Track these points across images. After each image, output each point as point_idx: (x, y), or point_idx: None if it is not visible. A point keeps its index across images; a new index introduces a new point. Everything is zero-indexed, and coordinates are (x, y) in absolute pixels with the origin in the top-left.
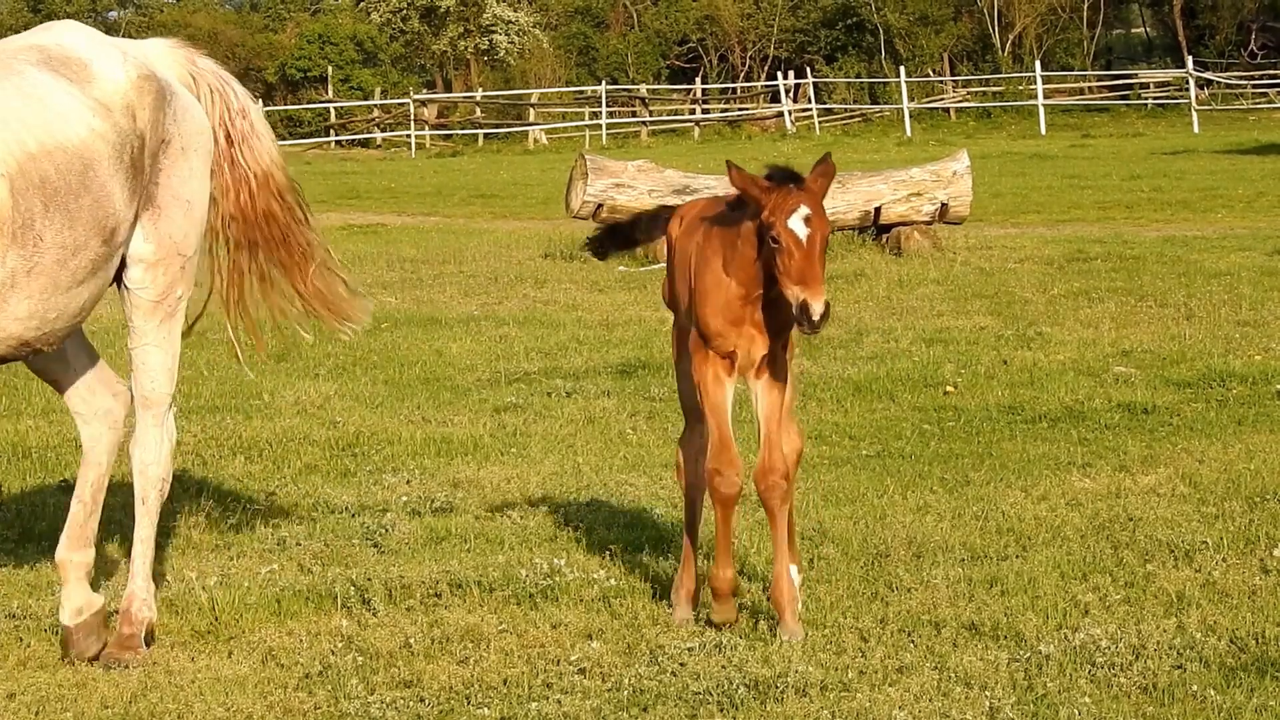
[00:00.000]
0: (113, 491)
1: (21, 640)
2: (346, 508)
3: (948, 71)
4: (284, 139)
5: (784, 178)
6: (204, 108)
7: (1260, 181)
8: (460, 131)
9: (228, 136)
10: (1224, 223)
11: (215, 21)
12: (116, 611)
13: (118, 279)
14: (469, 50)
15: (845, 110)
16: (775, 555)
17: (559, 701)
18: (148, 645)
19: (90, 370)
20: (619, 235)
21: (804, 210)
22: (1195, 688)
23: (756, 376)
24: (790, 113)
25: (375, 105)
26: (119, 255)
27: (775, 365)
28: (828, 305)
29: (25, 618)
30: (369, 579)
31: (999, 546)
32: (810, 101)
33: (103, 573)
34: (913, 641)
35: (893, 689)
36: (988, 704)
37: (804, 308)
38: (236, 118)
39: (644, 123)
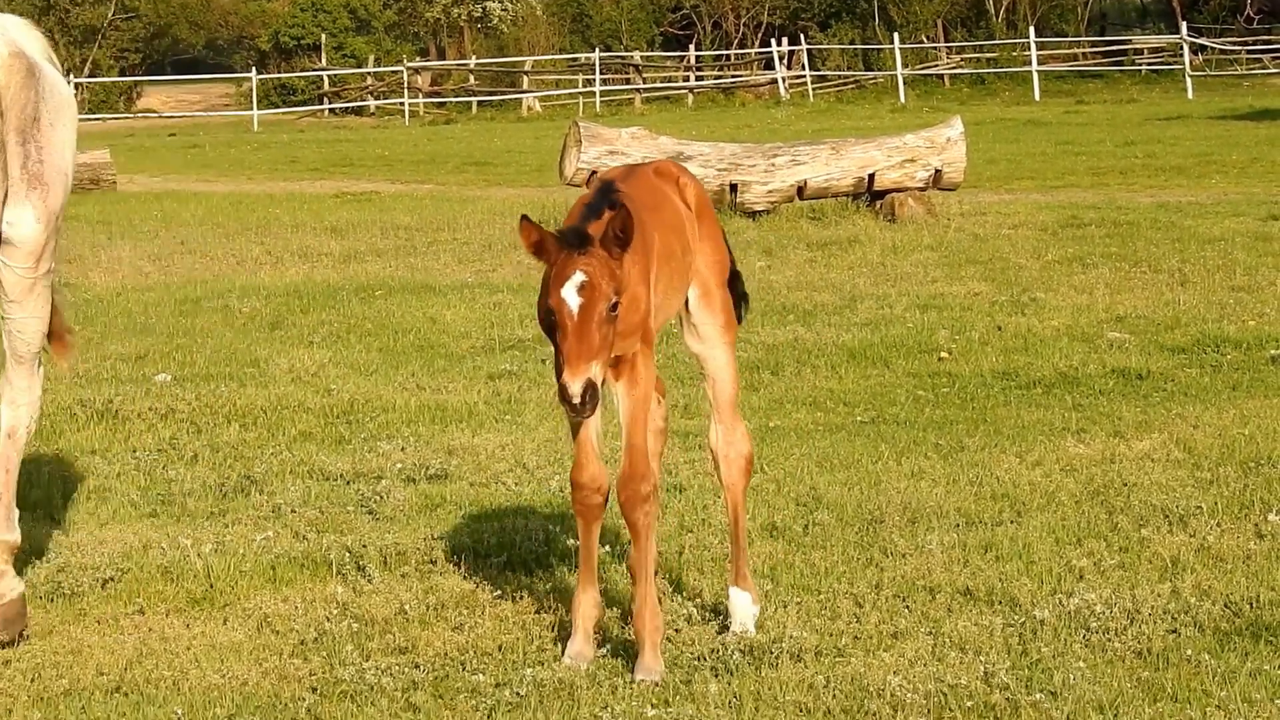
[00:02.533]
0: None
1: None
2: (341, 475)
3: (942, 38)
4: (277, 107)
5: (573, 240)
6: None
7: (1254, 147)
8: (454, 99)
9: None
10: (1218, 188)
11: None
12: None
13: None
14: (462, 18)
15: (839, 77)
16: (635, 579)
17: (554, 668)
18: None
19: None
20: None
21: (579, 278)
22: (1190, 652)
23: (615, 379)
24: (784, 79)
25: (369, 73)
26: None
27: (634, 367)
28: (589, 388)
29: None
30: (364, 546)
31: (993, 512)
32: (804, 68)
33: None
34: (907, 607)
35: (887, 654)
36: (982, 669)
37: (561, 388)
38: None
39: (638, 90)
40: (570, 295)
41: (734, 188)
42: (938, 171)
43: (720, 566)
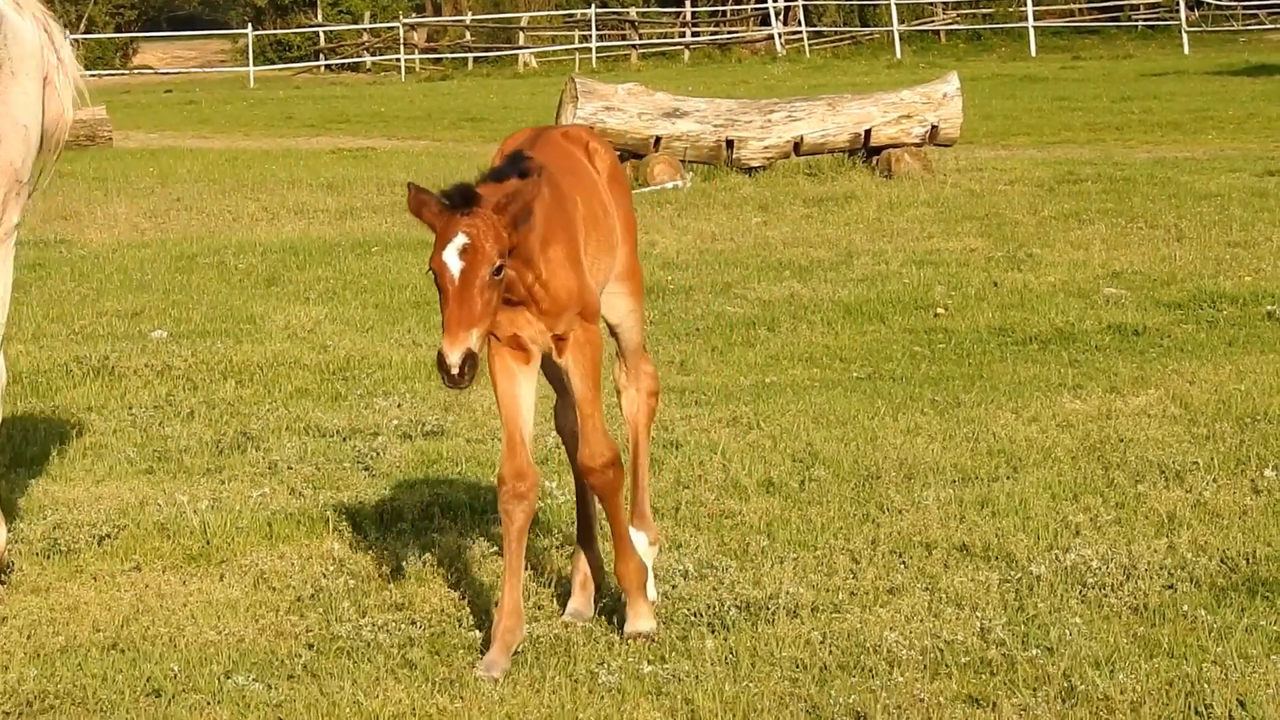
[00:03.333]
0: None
1: (13, 564)
2: (337, 431)
3: None
4: (273, 63)
5: (459, 200)
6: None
7: (1250, 103)
8: (450, 55)
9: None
10: (1214, 144)
11: None
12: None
13: None
14: None
15: (835, 33)
16: (614, 535)
17: (550, 624)
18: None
19: None
20: None
21: (460, 240)
22: (1186, 608)
23: (559, 355)
24: (780, 35)
25: (364, 29)
26: None
27: (577, 341)
28: (468, 358)
29: (17, 542)
30: (360, 502)
31: (990, 468)
32: (800, 24)
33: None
34: (904, 563)
35: (884, 610)
36: (979, 624)
37: (439, 356)
38: (51, 56)
39: (634, 46)
40: (451, 258)
41: (730, 144)
42: (934, 127)
43: (718, 523)
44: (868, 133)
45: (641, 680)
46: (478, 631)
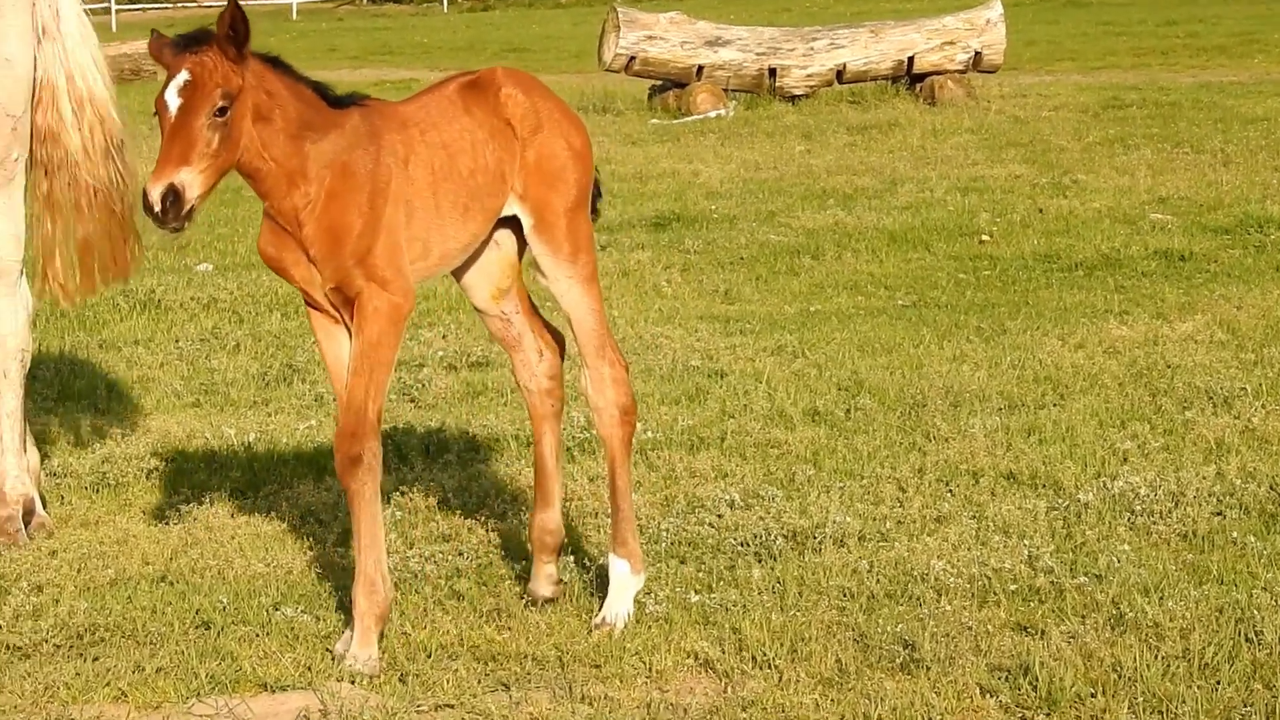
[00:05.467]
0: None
1: (63, 498)
2: None
3: None
4: None
5: (189, 40)
6: None
7: None
8: None
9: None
10: (1260, 68)
11: None
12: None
13: None
14: None
15: None
16: (355, 550)
17: (596, 554)
18: (28, 523)
19: None
20: None
21: (182, 77)
22: (1235, 534)
23: (350, 318)
24: None
25: None
26: None
27: (360, 308)
28: (169, 193)
29: (66, 475)
30: (406, 434)
31: (1036, 395)
32: None
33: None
34: (951, 491)
35: (931, 538)
36: (1026, 552)
37: (143, 192)
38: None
39: None
40: (171, 96)
41: (773, 72)
42: (977, 54)
43: (763, 451)
44: (911, 59)
45: (689, 610)
46: (525, 562)
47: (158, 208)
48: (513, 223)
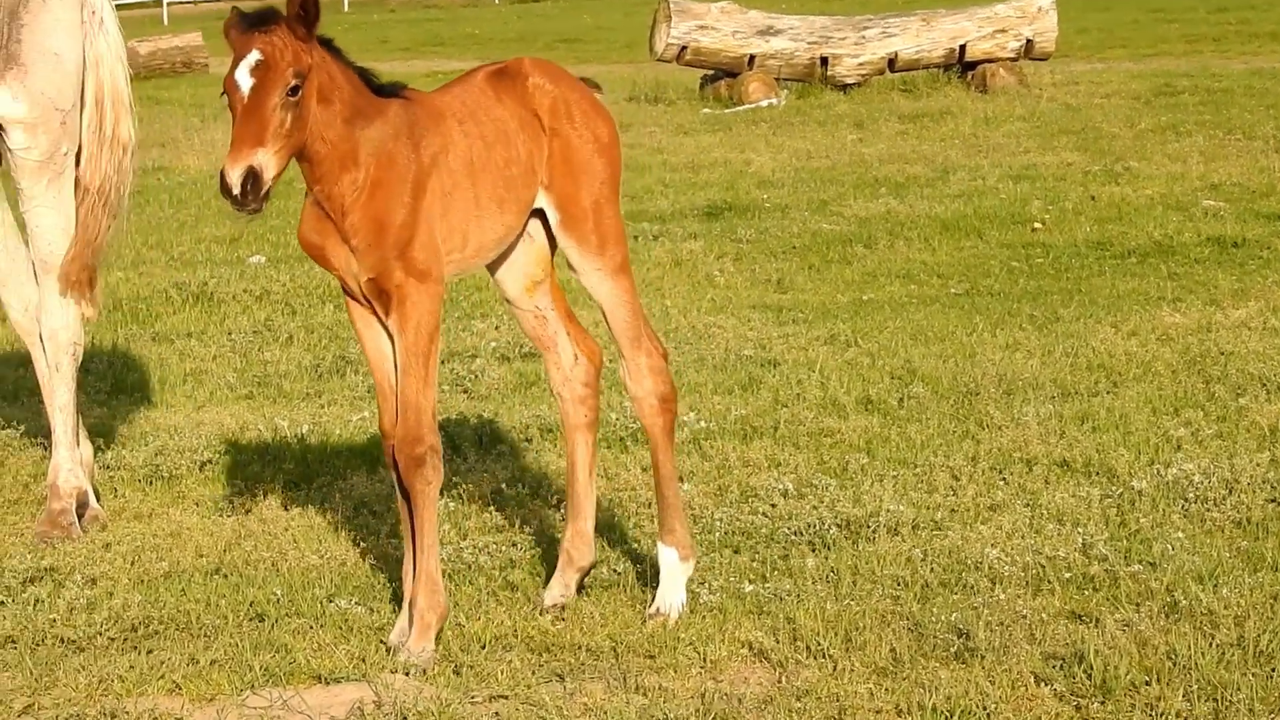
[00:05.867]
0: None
1: (117, 491)
2: None
3: None
4: None
5: (257, 19)
6: None
7: None
8: None
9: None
10: None
11: None
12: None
13: None
14: None
15: None
16: (414, 550)
17: (649, 544)
18: (81, 515)
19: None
20: None
21: (254, 57)
22: None
23: (385, 315)
24: None
25: None
26: None
27: (401, 304)
28: (249, 177)
29: (119, 468)
30: (459, 425)
31: (1089, 383)
32: None
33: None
34: (1004, 479)
35: (985, 527)
36: (1080, 540)
37: (220, 174)
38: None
39: None
40: (243, 76)
41: (825, 61)
42: (1029, 41)
43: (816, 440)
44: (962, 48)
45: (743, 599)
46: None
47: (236, 190)
48: (542, 214)
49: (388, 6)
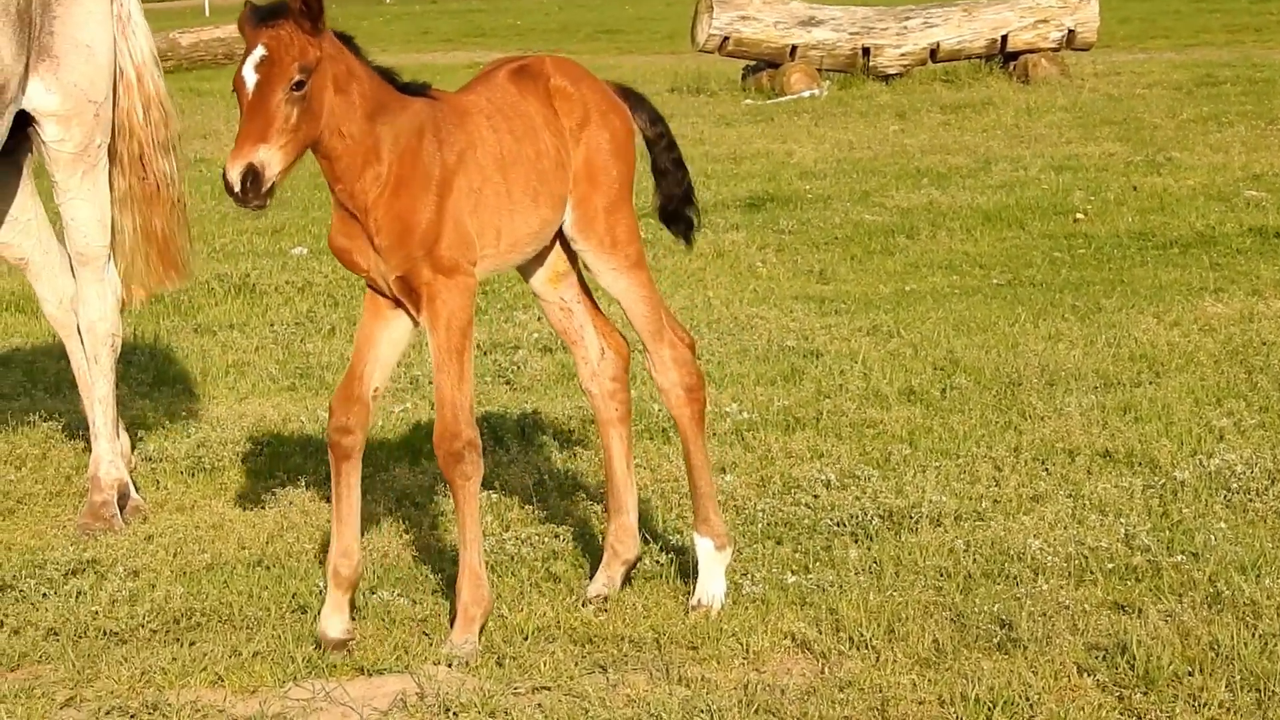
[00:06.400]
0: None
1: (159, 483)
2: (478, 345)
3: None
4: None
5: (264, 13)
6: None
7: None
8: None
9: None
10: None
11: None
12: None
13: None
14: None
15: None
16: (460, 544)
17: (691, 535)
18: (123, 507)
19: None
20: None
21: (259, 53)
22: None
23: (417, 312)
24: None
25: None
26: (10, 112)
27: (432, 302)
28: (249, 174)
29: (162, 460)
30: (502, 416)
31: (1132, 373)
32: None
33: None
34: (1047, 470)
35: (1027, 517)
36: (1123, 531)
37: (223, 171)
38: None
39: None
40: (249, 73)
41: (866, 52)
42: (1071, 32)
43: (859, 431)
44: (1004, 38)
45: (786, 590)
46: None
47: (237, 188)
48: None
49: None
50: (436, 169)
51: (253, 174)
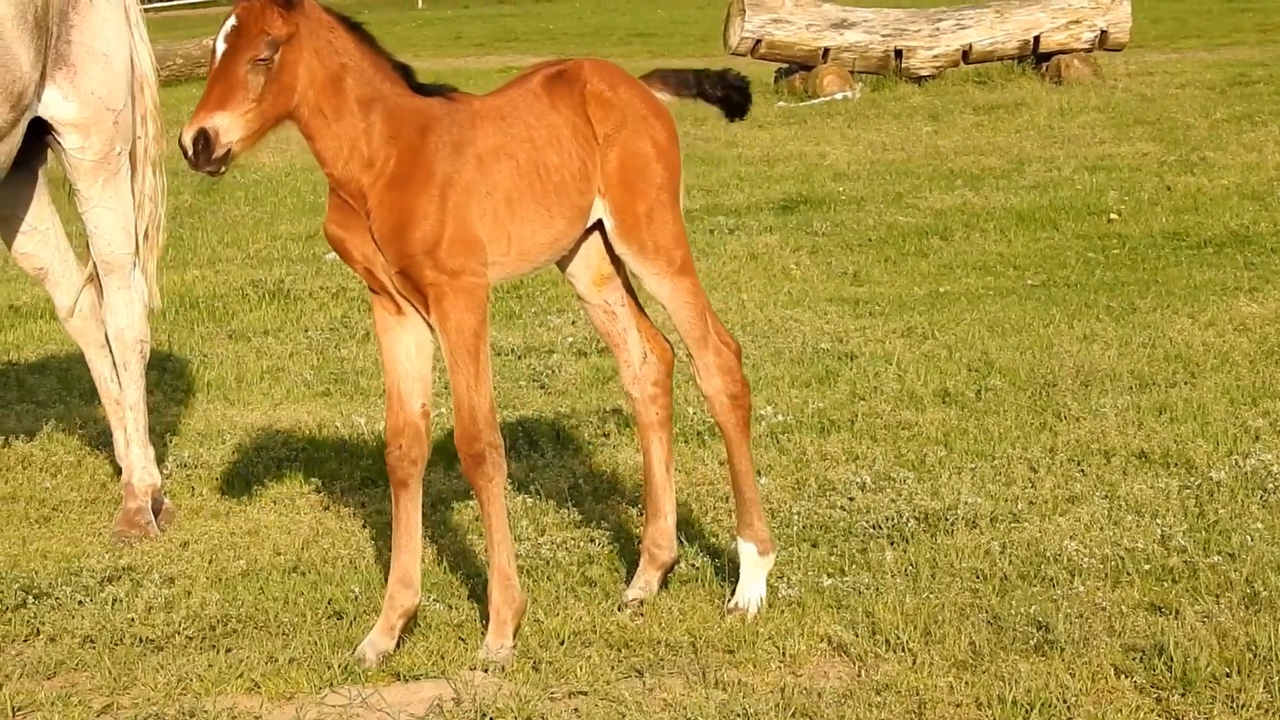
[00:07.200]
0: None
1: (194, 489)
2: (513, 350)
3: None
4: None
5: None
6: None
7: None
8: None
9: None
10: None
11: None
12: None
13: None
14: None
15: None
16: (489, 546)
17: (727, 538)
18: (157, 513)
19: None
20: None
21: (230, 22)
22: None
23: (426, 310)
24: None
25: None
26: (26, 119)
27: (440, 306)
28: (201, 137)
29: (197, 466)
30: (537, 421)
31: (1167, 373)
32: None
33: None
34: (1082, 471)
35: (1063, 519)
36: (1159, 532)
37: (179, 136)
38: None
39: None
40: (219, 42)
41: (899, 53)
42: (1103, 32)
43: (894, 433)
44: (1037, 39)
45: (822, 593)
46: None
47: (190, 151)
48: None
49: (461, 2)
50: (440, 169)
51: (204, 138)
